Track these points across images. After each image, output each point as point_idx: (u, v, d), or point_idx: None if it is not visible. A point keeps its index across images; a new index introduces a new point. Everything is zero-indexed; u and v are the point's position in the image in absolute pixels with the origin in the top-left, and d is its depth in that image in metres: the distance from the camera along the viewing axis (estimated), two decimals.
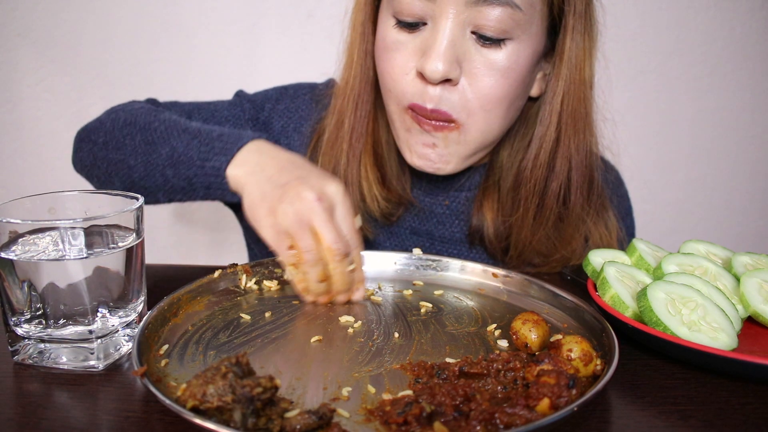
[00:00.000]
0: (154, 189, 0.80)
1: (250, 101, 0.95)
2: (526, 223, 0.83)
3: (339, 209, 0.66)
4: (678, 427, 0.46)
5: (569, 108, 0.79)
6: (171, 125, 0.80)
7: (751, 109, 1.58)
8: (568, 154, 0.81)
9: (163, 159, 0.78)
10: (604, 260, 0.69)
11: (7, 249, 0.51)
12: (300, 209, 0.63)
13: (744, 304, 0.61)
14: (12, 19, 1.41)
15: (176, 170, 0.77)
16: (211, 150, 0.75)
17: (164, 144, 0.78)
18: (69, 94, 1.47)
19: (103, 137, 0.85)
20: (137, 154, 0.80)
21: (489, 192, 0.88)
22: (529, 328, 0.55)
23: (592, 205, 0.86)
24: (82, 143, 0.89)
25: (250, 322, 0.61)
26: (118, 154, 0.82)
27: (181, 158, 0.76)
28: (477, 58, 0.73)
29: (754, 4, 1.50)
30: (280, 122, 0.94)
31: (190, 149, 0.76)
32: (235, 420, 0.41)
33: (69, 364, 0.53)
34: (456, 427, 0.43)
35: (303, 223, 0.63)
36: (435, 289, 0.70)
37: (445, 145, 0.77)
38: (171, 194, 0.80)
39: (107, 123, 0.86)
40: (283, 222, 0.64)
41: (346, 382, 0.49)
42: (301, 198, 0.64)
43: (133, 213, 0.55)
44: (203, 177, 0.75)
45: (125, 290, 0.54)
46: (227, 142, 0.75)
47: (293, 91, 0.97)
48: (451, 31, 0.71)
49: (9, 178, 1.53)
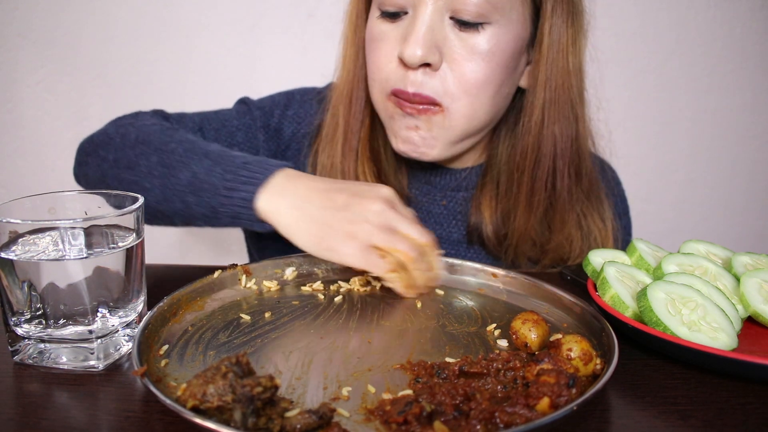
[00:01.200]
0: (171, 214, 0.76)
1: (259, 108, 0.95)
2: (519, 211, 0.85)
3: (400, 207, 0.69)
4: (678, 427, 0.46)
5: (552, 95, 0.80)
6: (189, 147, 0.76)
7: (751, 109, 1.58)
8: (553, 140, 0.82)
9: (183, 185, 0.73)
10: (604, 260, 0.69)
11: (7, 249, 0.51)
12: (379, 222, 0.65)
13: (744, 304, 0.61)
14: (12, 19, 1.41)
15: (199, 198, 0.72)
16: (237, 179, 0.70)
17: (183, 168, 0.73)
18: (69, 94, 1.47)
19: (114, 154, 0.80)
20: (153, 177, 0.75)
21: (486, 189, 0.88)
22: (529, 327, 0.55)
23: (582, 192, 0.86)
24: (88, 157, 0.84)
25: (250, 322, 0.61)
26: (131, 175, 0.77)
27: (204, 185, 0.72)
28: (456, 42, 0.74)
29: (754, 4, 1.50)
30: (290, 128, 0.94)
31: (213, 176, 0.71)
32: (236, 420, 0.41)
33: (69, 364, 0.53)
34: (456, 426, 0.43)
35: (390, 231, 0.65)
36: (435, 289, 0.70)
37: (428, 128, 0.78)
38: (190, 220, 0.76)
39: (116, 138, 0.81)
40: (370, 239, 0.64)
41: (346, 382, 0.49)
42: (373, 212, 0.65)
43: (133, 213, 0.55)
44: (229, 206, 0.71)
45: (125, 290, 0.54)
46: (253, 171, 0.71)
47: (300, 96, 0.97)
48: (430, 17, 0.73)
49: (9, 178, 1.53)
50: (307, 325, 0.61)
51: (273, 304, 0.65)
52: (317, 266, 0.73)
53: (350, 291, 0.69)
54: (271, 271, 0.71)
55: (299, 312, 0.63)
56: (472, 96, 0.76)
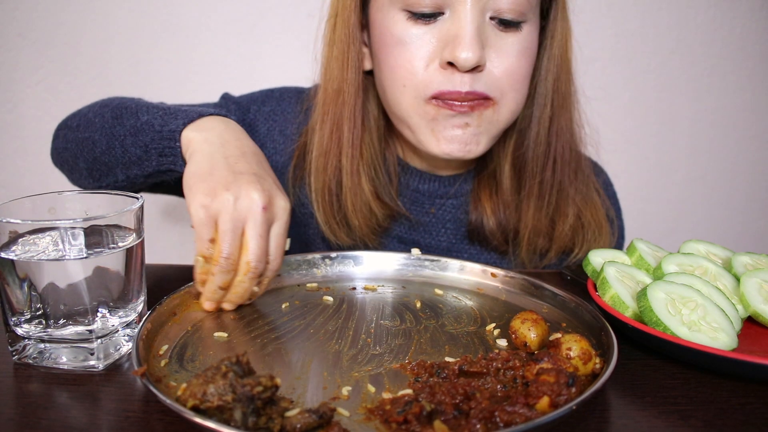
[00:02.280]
0: (113, 163, 0.77)
1: (236, 103, 0.94)
2: (532, 203, 0.85)
3: (278, 226, 0.62)
4: (678, 427, 0.46)
5: (559, 87, 0.83)
6: (143, 104, 0.78)
7: (751, 109, 1.58)
8: (558, 131, 0.84)
9: (125, 129, 0.75)
10: (604, 260, 0.69)
11: (7, 249, 0.51)
12: (242, 208, 0.59)
13: (744, 304, 0.61)
14: (12, 19, 1.41)
15: (135, 138, 0.74)
16: (174, 117, 0.71)
17: (131, 117, 0.76)
18: (69, 94, 1.47)
19: (77, 121, 0.84)
20: (103, 129, 0.78)
21: (484, 185, 0.88)
22: (528, 327, 0.55)
23: (579, 180, 0.88)
24: (59, 131, 0.88)
25: (250, 322, 0.61)
26: (86, 133, 0.81)
27: (143, 127, 0.73)
28: (498, 42, 0.75)
29: (754, 4, 1.50)
30: (265, 125, 0.93)
31: (154, 118, 0.73)
32: (236, 419, 0.41)
33: (69, 364, 0.53)
34: (456, 425, 0.43)
35: (237, 225, 0.59)
36: (434, 289, 0.70)
37: (479, 124, 0.77)
38: (128, 168, 0.76)
39: (84, 109, 0.86)
40: (219, 210, 0.59)
41: (346, 382, 0.50)
42: (249, 197, 0.59)
43: (133, 213, 0.55)
44: (159, 141, 0.71)
45: (125, 290, 0.54)
46: (194, 112, 0.72)
47: (279, 94, 0.96)
48: (475, 17, 0.72)
49: (9, 178, 1.53)
50: (307, 324, 0.61)
51: (273, 304, 0.65)
52: (317, 266, 0.73)
53: (350, 291, 0.69)
54: None
55: (299, 312, 0.63)
56: (516, 91, 0.78)
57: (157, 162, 0.73)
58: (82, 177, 0.85)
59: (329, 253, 0.74)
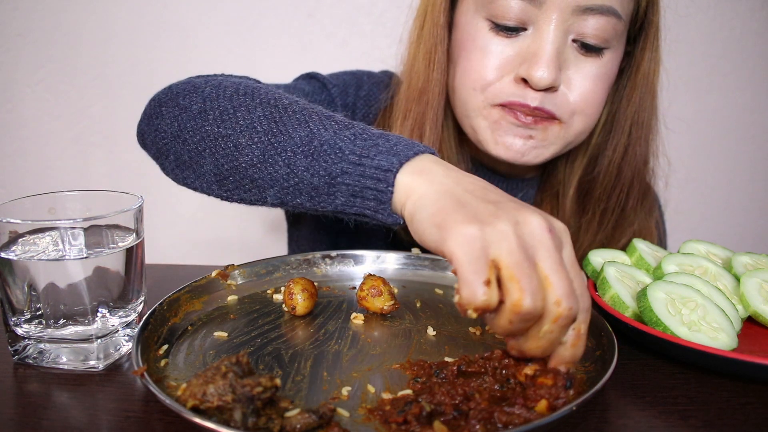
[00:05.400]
0: (266, 182, 0.59)
1: (335, 86, 0.90)
2: (591, 228, 0.86)
3: (567, 251, 0.46)
4: (678, 427, 0.46)
5: (639, 118, 0.82)
6: (306, 106, 0.61)
7: (751, 109, 1.58)
8: (633, 162, 0.84)
9: (295, 143, 0.57)
10: (604, 260, 0.69)
11: (7, 249, 0.51)
12: (526, 234, 0.44)
13: (744, 304, 0.61)
14: (12, 19, 1.41)
15: (313, 161, 0.55)
16: (373, 147, 0.54)
17: (298, 126, 0.58)
18: (69, 94, 1.47)
19: (201, 104, 0.64)
20: (255, 132, 0.59)
21: (546, 202, 0.89)
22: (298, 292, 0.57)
23: (642, 210, 0.88)
24: (162, 108, 0.68)
25: (250, 322, 0.61)
26: (223, 128, 0.61)
27: (324, 148, 0.55)
28: (577, 65, 0.74)
29: (754, 4, 1.50)
30: (362, 110, 0.91)
31: (340, 139, 0.55)
32: (236, 419, 0.41)
33: (69, 364, 0.53)
34: (455, 426, 0.43)
35: (528, 255, 0.43)
36: (434, 289, 0.70)
37: (543, 138, 0.77)
38: (288, 194, 0.58)
39: (206, 88, 0.66)
40: (495, 244, 0.43)
41: (345, 382, 0.50)
42: (528, 222, 0.45)
43: (133, 213, 0.55)
44: (356, 177, 0.54)
45: (125, 290, 0.54)
46: (394, 143, 0.55)
47: (367, 78, 0.94)
48: (557, 38, 0.71)
49: (9, 178, 1.53)
50: (307, 324, 0.61)
51: (273, 304, 0.65)
52: (317, 266, 0.73)
53: (350, 290, 0.69)
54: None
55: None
56: (587, 116, 0.77)
57: (343, 202, 0.55)
58: (203, 181, 0.64)
59: (329, 253, 0.74)
